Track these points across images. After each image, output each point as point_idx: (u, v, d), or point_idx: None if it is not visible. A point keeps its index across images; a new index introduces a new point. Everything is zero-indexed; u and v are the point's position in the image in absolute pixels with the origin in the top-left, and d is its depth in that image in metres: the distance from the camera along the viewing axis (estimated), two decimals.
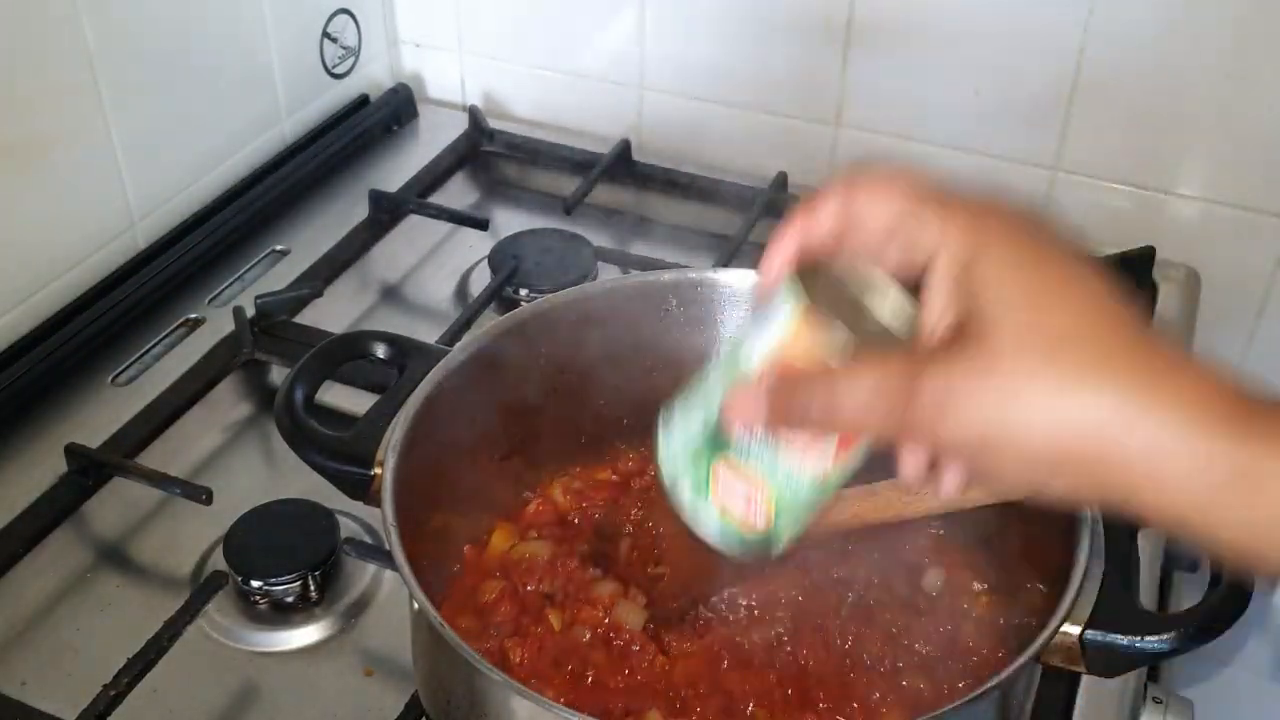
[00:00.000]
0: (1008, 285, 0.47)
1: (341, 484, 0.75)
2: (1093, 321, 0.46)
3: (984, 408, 0.46)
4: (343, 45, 1.37)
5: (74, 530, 0.93)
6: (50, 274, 1.09)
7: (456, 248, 1.25)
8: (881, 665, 0.74)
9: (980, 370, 0.46)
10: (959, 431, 0.46)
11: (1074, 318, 0.46)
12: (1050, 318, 0.46)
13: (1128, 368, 0.45)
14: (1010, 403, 0.45)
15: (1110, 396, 0.44)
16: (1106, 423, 0.44)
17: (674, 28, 1.31)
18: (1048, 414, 0.45)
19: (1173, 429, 0.44)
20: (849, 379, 0.49)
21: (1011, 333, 0.46)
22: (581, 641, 0.74)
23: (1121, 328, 0.47)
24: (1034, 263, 0.48)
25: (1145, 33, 1.13)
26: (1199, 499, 0.44)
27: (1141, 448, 0.44)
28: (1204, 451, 0.44)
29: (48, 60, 1.04)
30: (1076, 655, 0.65)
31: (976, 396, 0.46)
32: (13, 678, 0.82)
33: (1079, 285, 0.48)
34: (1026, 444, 0.45)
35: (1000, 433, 0.46)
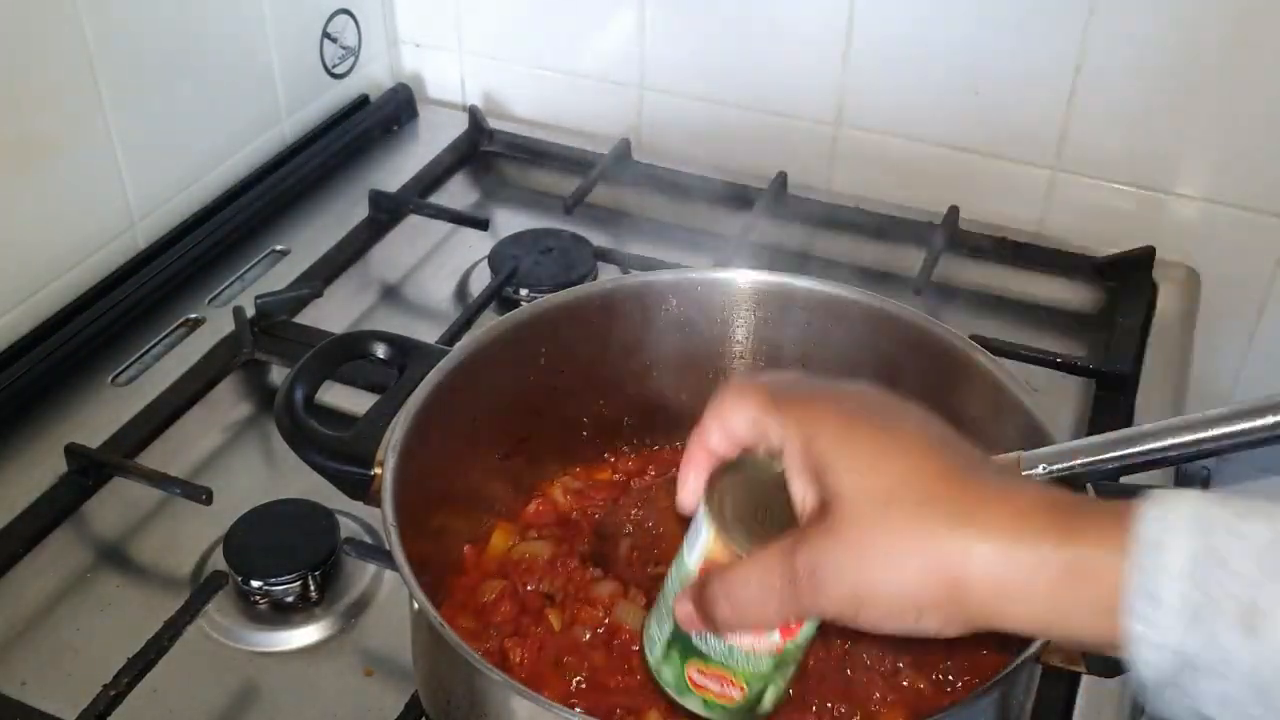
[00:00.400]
0: (839, 459, 0.54)
1: (341, 484, 0.75)
2: (914, 476, 0.52)
3: (843, 572, 0.52)
4: (343, 45, 1.37)
5: (74, 530, 0.93)
6: (50, 274, 1.09)
7: (456, 248, 1.25)
8: (881, 665, 0.74)
9: (834, 539, 0.52)
10: (833, 598, 0.52)
11: (891, 479, 0.52)
12: (872, 483, 0.52)
13: (950, 509, 0.51)
14: (862, 563, 0.52)
15: (940, 539, 0.50)
16: (944, 562, 0.50)
17: (674, 28, 1.31)
18: (894, 567, 0.51)
19: (1001, 549, 0.49)
20: (737, 574, 0.56)
21: (849, 500, 0.52)
22: (581, 641, 0.74)
23: (943, 473, 0.52)
24: (859, 434, 0.54)
25: (1145, 33, 1.13)
26: (1045, 604, 0.49)
27: (980, 574, 0.49)
28: (1033, 560, 0.48)
29: (48, 60, 1.04)
30: (1076, 655, 0.65)
31: (836, 564, 0.52)
32: (13, 678, 0.82)
33: (899, 446, 0.54)
34: (887, 596, 0.51)
35: (865, 591, 0.52)
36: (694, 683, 0.62)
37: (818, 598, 0.53)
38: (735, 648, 0.60)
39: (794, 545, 0.54)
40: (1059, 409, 1.03)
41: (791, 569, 0.53)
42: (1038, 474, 0.65)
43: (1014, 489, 0.52)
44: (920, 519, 0.51)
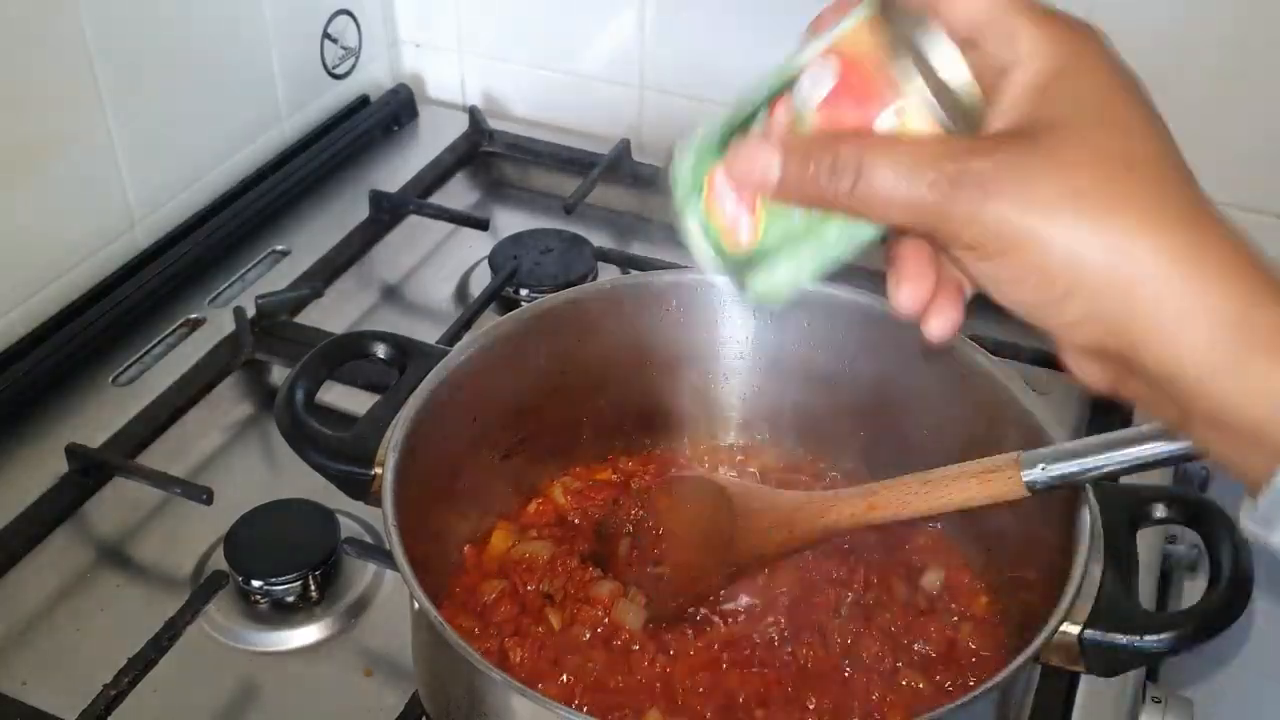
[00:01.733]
0: (1086, 105, 0.46)
1: (342, 484, 0.75)
2: (1156, 160, 0.46)
3: (1026, 208, 0.44)
4: (343, 45, 1.37)
5: (74, 530, 0.93)
6: (51, 274, 1.09)
7: (456, 248, 1.25)
8: (881, 665, 0.74)
9: (1033, 170, 0.44)
10: (991, 225, 0.44)
11: (1141, 151, 0.45)
12: (1118, 144, 0.45)
13: (1178, 212, 0.44)
14: (1053, 210, 0.44)
15: (1152, 232, 0.44)
16: (1140, 256, 0.43)
17: (674, 27, 1.31)
18: (1085, 232, 0.44)
19: (1206, 278, 0.43)
20: (886, 151, 0.46)
21: (1075, 147, 0.45)
22: (581, 641, 0.75)
23: (1181, 176, 0.46)
24: (1118, 96, 0.47)
25: (1145, 32, 1.13)
26: (1209, 353, 0.43)
27: (1170, 294, 0.43)
28: (1230, 307, 0.43)
29: (48, 60, 1.04)
30: (1076, 654, 0.65)
31: (1022, 193, 0.44)
32: (13, 677, 0.82)
33: (1152, 128, 0.47)
34: (1054, 256, 0.44)
35: (1032, 236, 0.44)
36: (712, 189, 0.50)
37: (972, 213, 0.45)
38: None
39: (974, 146, 0.46)
40: (1059, 409, 1.03)
41: (957, 169, 0.45)
42: (1038, 474, 0.65)
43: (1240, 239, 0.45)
44: (1144, 204, 0.44)
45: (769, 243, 0.49)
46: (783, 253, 0.49)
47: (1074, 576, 0.65)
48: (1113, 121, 0.46)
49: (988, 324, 1.13)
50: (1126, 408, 1.03)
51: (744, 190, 0.49)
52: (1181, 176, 0.46)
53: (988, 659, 0.75)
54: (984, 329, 1.08)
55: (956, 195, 0.45)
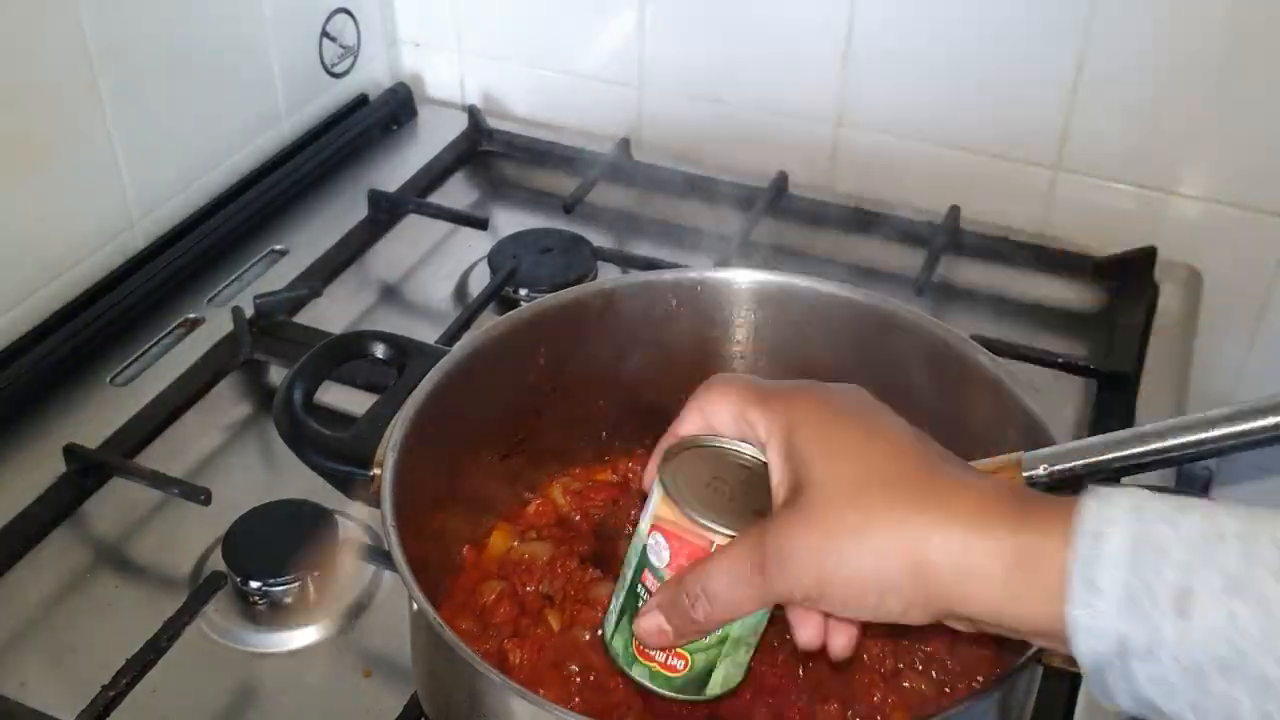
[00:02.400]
0: (815, 449, 0.56)
1: (341, 484, 0.75)
2: (884, 465, 0.55)
3: (810, 553, 0.54)
4: (342, 45, 1.37)
5: (73, 530, 0.93)
6: (50, 273, 1.08)
7: (456, 247, 1.25)
8: (881, 666, 0.74)
9: (803, 521, 0.54)
10: (799, 580, 0.54)
11: (867, 465, 0.55)
12: (849, 468, 0.55)
13: (916, 497, 0.53)
14: (830, 546, 0.53)
15: (906, 520, 0.52)
16: (907, 547, 0.52)
17: (674, 27, 1.31)
18: (859, 546, 0.53)
19: (961, 533, 0.51)
20: (705, 569, 0.58)
21: (821, 487, 0.55)
22: (581, 642, 0.74)
23: (914, 462, 0.55)
24: (835, 427, 0.57)
25: (1145, 32, 1.13)
26: (999, 589, 0.50)
27: (940, 557, 0.51)
28: (989, 546, 0.51)
29: (48, 60, 1.04)
30: None
31: (804, 546, 0.54)
32: (12, 678, 0.82)
33: (873, 438, 0.56)
34: (850, 577, 0.53)
35: (831, 574, 0.53)
36: (640, 653, 0.63)
37: (786, 580, 0.55)
38: None
39: (764, 530, 0.56)
40: (1060, 409, 1.03)
41: (761, 554, 0.55)
42: (1039, 474, 0.65)
43: (979, 481, 0.54)
44: (888, 500, 0.53)
45: (698, 662, 0.62)
46: (714, 662, 0.62)
47: None
48: (836, 451, 0.56)
49: (988, 324, 1.14)
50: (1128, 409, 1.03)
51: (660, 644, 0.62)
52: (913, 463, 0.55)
53: (989, 660, 0.75)
54: (984, 329, 1.08)
55: (769, 576, 0.55)
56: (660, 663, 0.63)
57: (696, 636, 0.61)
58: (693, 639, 0.61)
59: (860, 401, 0.60)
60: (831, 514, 0.54)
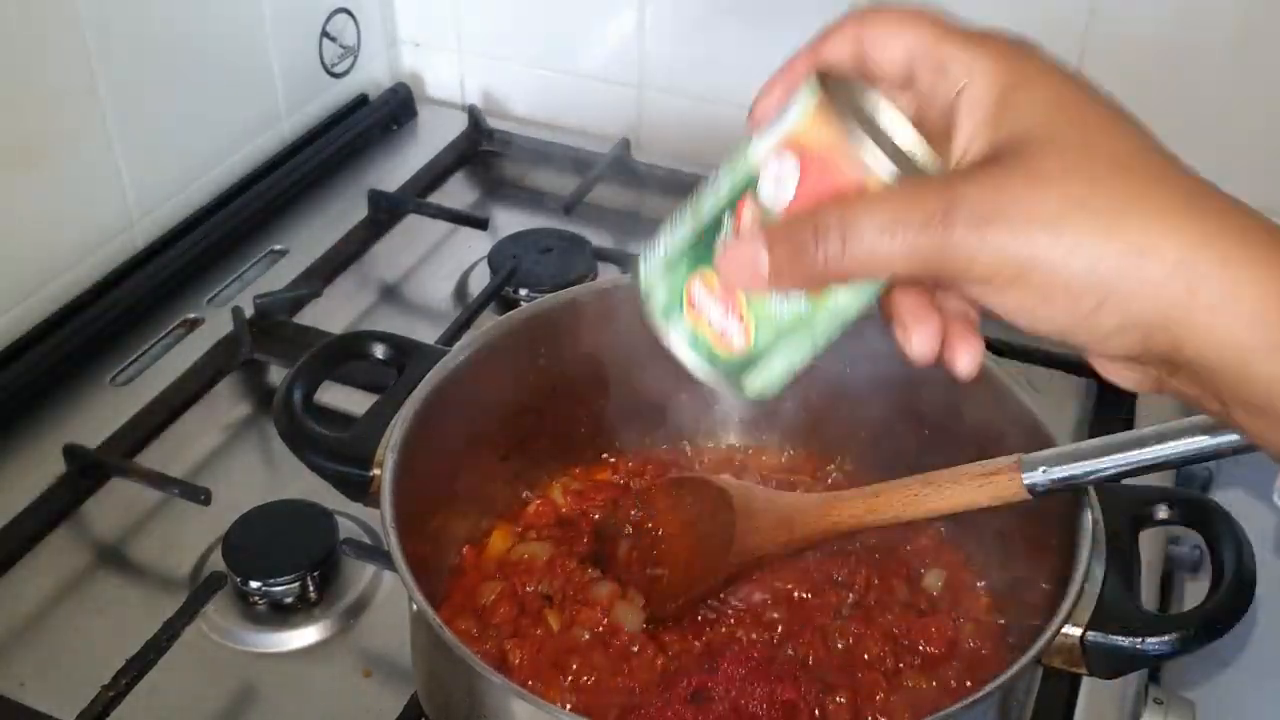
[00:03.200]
0: (1054, 114, 0.44)
1: (340, 485, 0.75)
2: (1145, 154, 0.44)
3: (1030, 230, 0.42)
4: (342, 44, 1.37)
5: (73, 530, 0.93)
6: (49, 273, 1.08)
7: (456, 247, 1.24)
8: (883, 666, 0.74)
9: (1026, 190, 0.42)
10: (999, 257, 0.42)
11: (1126, 148, 0.44)
12: (1101, 146, 0.43)
13: (1185, 199, 0.43)
14: (1058, 226, 0.42)
15: (1167, 224, 0.42)
16: (1162, 250, 0.42)
17: (674, 27, 1.31)
18: (1099, 240, 0.42)
19: (1234, 262, 0.42)
20: (868, 202, 0.44)
21: (1059, 157, 0.43)
22: (580, 642, 0.74)
23: (1174, 164, 0.44)
24: (1080, 100, 0.45)
25: (1146, 32, 1.13)
26: (1252, 336, 0.41)
27: (1200, 278, 0.41)
28: (1264, 287, 0.41)
29: (48, 60, 1.04)
30: (1078, 657, 0.65)
31: (1021, 217, 0.42)
32: (12, 678, 0.82)
33: (1128, 125, 0.45)
34: (1073, 272, 0.42)
35: (1046, 258, 0.42)
36: (692, 301, 0.50)
37: (980, 242, 0.42)
38: None
39: (956, 182, 0.44)
40: (1060, 409, 1.03)
41: (946, 203, 0.43)
42: (1038, 477, 0.65)
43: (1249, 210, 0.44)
44: (1148, 196, 0.42)
45: (761, 342, 0.49)
46: (775, 348, 0.49)
47: (1075, 578, 0.65)
48: (1084, 124, 0.44)
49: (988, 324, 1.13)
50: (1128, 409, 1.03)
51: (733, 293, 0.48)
52: (1171, 163, 0.45)
53: (989, 660, 0.75)
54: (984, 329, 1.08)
55: (951, 230, 0.43)
56: (711, 328, 0.49)
57: (802, 284, 0.47)
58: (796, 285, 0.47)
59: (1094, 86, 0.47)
60: (1070, 191, 0.42)
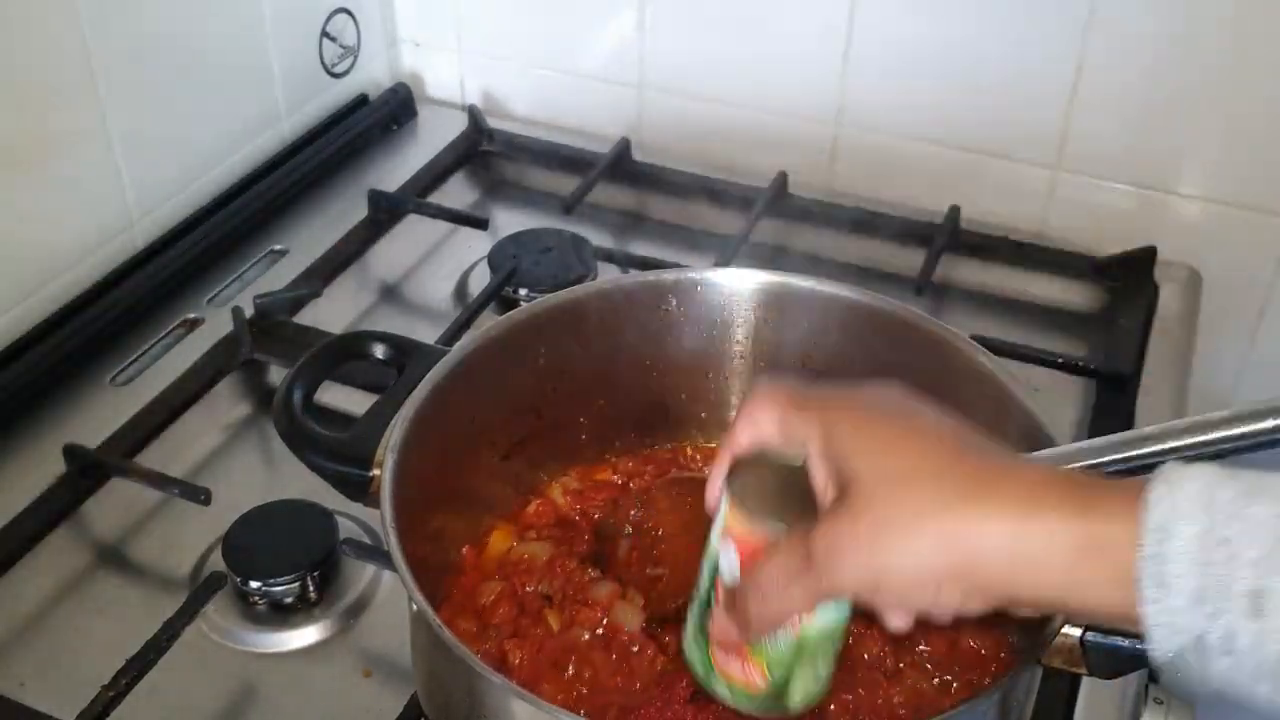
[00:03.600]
0: (857, 445, 0.56)
1: (340, 485, 0.75)
2: (929, 456, 0.54)
3: (859, 549, 0.54)
4: (342, 44, 1.37)
5: (73, 530, 0.93)
6: (48, 273, 1.08)
7: (456, 247, 1.24)
8: (883, 665, 0.74)
9: (850, 519, 0.54)
10: (851, 578, 0.54)
11: (911, 458, 0.54)
12: (892, 463, 0.55)
13: (965, 487, 0.52)
14: (877, 540, 0.53)
15: (955, 512, 0.52)
16: (959, 535, 0.51)
17: (674, 27, 1.31)
18: (910, 541, 0.52)
19: (1015, 522, 0.51)
20: (760, 565, 0.59)
21: (865, 485, 0.54)
22: (580, 642, 0.74)
23: (957, 454, 0.54)
24: (873, 425, 0.57)
25: (1146, 32, 1.13)
26: (1060, 577, 0.50)
27: (994, 547, 0.51)
28: (1046, 535, 0.50)
29: (48, 60, 1.04)
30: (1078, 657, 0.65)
31: (852, 545, 0.54)
32: (11, 678, 0.82)
33: (913, 433, 0.56)
34: (904, 571, 0.53)
35: (881, 567, 0.53)
36: (718, 666, 0.64)
37: (835, 576, 0.54)
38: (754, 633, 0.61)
39: (812, 530, 0.56)
40: (1060, 409, 1.03)
41: (808, 550, 0.55)
42: None
43: (1027, 468, 0.53)
44: (935, 494, 0.52)
45: (777, 674, 0.62)
46: (793, 673, 0.62)
47: None
48: (877, 448, 0.56)
49: (988, 324, 1.14)
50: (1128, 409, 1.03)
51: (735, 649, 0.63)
52: (955, 455, 0.54)
53: (989, 659, 0.75)
54: (984, 329, 1.08)
55: (817, 572, 0.55)
56: (739, 677, 0.63)
57: (759, 633, 0.61)
58: (756, 636, 0.61)
59: (899, 400, 0.60)
60: (878, 509, 0.53)
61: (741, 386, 0.89)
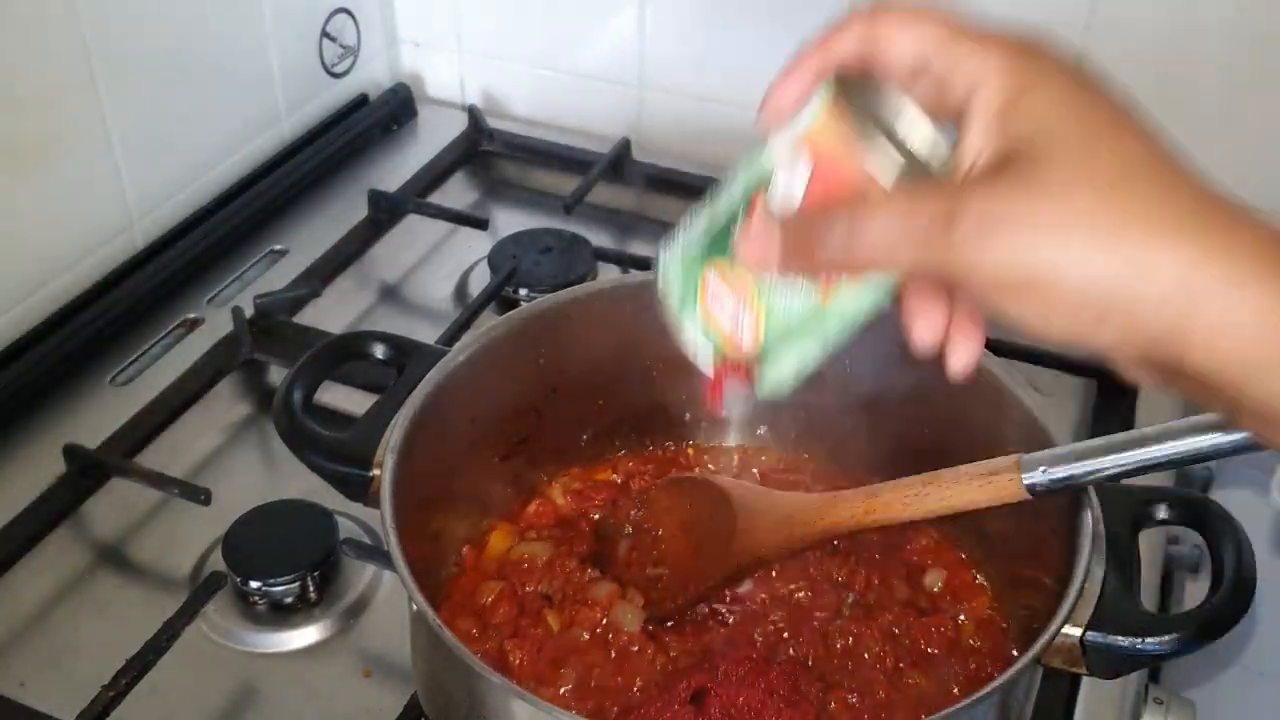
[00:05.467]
0: (1061, 120, 0.45)
1: (340, 485, 0.75)
2: (1150, 163, 0.44)
3: (1033, 240, 0.43)
4: (342, 44, 1.37)
5: (73, 530, 0.93)
6: (49, 273, 1.08)
7: (456, 247, 1.24)
8: (882, 665, 0.74)
9: (1030, 201, 0.43)
10: (1001, 267, 0.43)
11: (1132, 157, 0.44)
12: (1107, 155, 0.44)
13: (1188, 213, 0.43)
14: (1062, 238, 0.42)
15: (1168, 241, 0.42)
16: (1163, 267, 0.42)
17: (674, 26, 1.31)
18: (1101, 254, 0.42)
19: (1234, 280, 0.42)
20: (877, 203, 0.46)
21: (1064, 167, 0.43)
22: (580, 642, 0.74)
23: (1179, 173, 0.45)
24: (1088, 103, 0.46)
25: (1146, 32, 1.13)
26: (1254, 353, 0.42)
27: (1200, 296, 0.42)
28: (1266, 304, 0.41)
29: (48, 60, 1.04)
30: (1077, 657, 0.65)
31: (1025, 228, 0.43)
32: (11, 678, 0.82)
33: (1135, 129, 0.45)
34: (1076, 285, 0.43)
35: (1048, 270, 0.43)
36: (704, 301, 0.51)
37: (978, 253, 0.43)
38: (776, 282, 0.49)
39: (962, 190, 0.44)
40: (1060, 410, 1.03)
41: (953, 214, 0.44)
42: (1037, 477, 0.65)
43: (1254, 217, 0.44)
44: (1152, 208, 0.43)
45: (771, 339, 0.50)
46: (785, 345, 0.50)
47: (1075, 578, 0.65)
48: (1090, 131, 0.45)
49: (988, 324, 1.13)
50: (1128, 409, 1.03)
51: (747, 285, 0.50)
52: (1177, 171, 0.45)
53: (989, 659, 0.75)
54: None
55: (953, 235, 0.44)
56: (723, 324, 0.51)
57: (811, 270, 0.48)
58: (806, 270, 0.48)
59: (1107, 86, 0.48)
60: (1074, 203, 0.42)
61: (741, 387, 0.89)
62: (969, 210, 0.43)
